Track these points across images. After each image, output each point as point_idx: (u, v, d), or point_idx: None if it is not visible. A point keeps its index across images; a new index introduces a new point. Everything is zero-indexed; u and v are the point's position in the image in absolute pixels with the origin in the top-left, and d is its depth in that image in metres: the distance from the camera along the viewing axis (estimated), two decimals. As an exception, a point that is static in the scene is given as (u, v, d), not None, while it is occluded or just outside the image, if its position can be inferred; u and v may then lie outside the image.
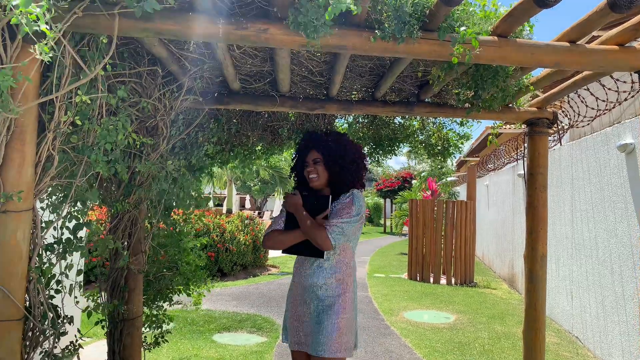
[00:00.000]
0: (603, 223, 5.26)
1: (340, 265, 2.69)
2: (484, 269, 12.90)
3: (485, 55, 2.22)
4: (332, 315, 2.59)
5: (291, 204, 2.80)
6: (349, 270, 2.73)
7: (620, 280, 4.77)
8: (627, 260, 4.64)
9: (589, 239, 5.68)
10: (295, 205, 2.77)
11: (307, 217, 2.66)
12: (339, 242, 2.59)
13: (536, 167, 3.68)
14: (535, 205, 3.67)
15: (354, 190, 2.77)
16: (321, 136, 3.00)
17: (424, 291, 9.19)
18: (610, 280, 5.01)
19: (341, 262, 2.70)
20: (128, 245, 3.29)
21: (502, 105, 3.56)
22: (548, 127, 3.70)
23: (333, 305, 2.62)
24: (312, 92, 3.53)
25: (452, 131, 4.13)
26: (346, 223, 2.60)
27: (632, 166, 4.55)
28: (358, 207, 2.68)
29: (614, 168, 4.96)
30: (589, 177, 5.70)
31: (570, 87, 3.23)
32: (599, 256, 5.37)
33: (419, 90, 3.46)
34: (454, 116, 3.66)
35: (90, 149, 2.21)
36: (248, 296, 8.29)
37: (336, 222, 2.59)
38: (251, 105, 3.42)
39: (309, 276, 2.70)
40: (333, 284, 2.66)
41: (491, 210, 13.02)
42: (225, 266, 9.81)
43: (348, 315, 2.64)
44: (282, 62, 2.65)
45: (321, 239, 2.54)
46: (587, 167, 5.75)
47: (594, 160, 5.52)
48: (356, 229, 2.69)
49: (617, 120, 5.02)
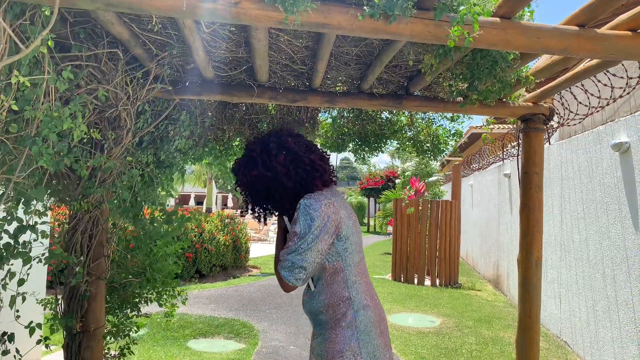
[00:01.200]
0: (594, 225, 5.09)
1: (330, 291, 2.02)
2: (468, 269, 12.76)
3: (486, 38, 1.98)
4: (323, 353, 1.98)
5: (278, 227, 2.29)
6: (346, 295, 2.01)
7: (613, 284, 4.59)
8: (621, 263, 4.46)
9: (579, 241, 5.51)
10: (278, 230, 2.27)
11: (276, 249, 2.18)
12: (300, 277, 1.90)
13: (531, 166, 3.46)
14: (530, 207, 3.45)
15: (301, 201, 1.96)
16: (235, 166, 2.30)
17: (408, 293, 8.99)
18: (602, 284, 4.84)
19: (332, 286, 2.02)
20: (88, 248, 2.97)
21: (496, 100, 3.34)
22: (544, 123, 3.49)
23: (324, 342, 1.99)
24: (293, 83, 3.25)
25: (442, 127, 3.89)
26: (293, 253, 1.89)
27: (627, 166, 4.37)
28: (303, 224, 1.90)
29: (607, 168, 4.78)
30: (579, 177, 5.53)
31: (569, 80, 3.00)
32: (590, 259, 5.19)
33: (408, 82, 3.21)
34: (444, 111, 3.42)
35: (33, 140, 1.90)
36: (227, 299, 7.98)
37: (283, 256, 1.94)
38: (226, 95, 3.13)
39: (305, 303, 2.15)
40: (323, 315, 2.03)
41: (475, 210, 12.89)
42: (203, 267, 9.48)
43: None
44: (258, 45, 2.38)
45: (279, 280, 1.98)
46: (577, 167, 5.57)
47: (585, 160, 5.34)
48: (317, 251, 1.90)
49: (611, 118, 4.85)
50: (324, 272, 2.02)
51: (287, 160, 2.08)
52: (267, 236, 19.50)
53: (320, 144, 4.08)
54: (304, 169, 2.08)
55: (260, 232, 19.47)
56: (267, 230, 19.55)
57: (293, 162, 2.08)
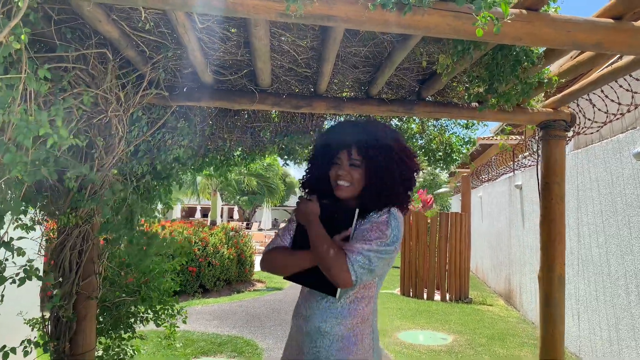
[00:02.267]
0: (615, 238, 4.84)
1: (357, 308, 1.85)
2: (478, 283, 12.45)
3: (511, 31, 1.77)
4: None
5: (305, 212, 1.90)
6: (366, 317, 1.88)
7: (638, 302, 4.32)
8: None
9: (599, 255, 5.25)
10: (309, 215, 1.88)
11: (323, 236, 1.82)
12: (362, 278, 1.74)
13: (552, 176, 3.24)
14: (551, 219, 3.22)
15: (392, 209, 1.86)
16: (364, 129, 1.98)
17: (418, 308, 8.70)
18: (626, 301, 4.57)
19: (358, 305, 1.86)
20: (78, 265, 2.77)
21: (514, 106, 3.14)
22: (565, 130, 3.27)
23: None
24: (297, 89, 3.06)
25: (455, 135, 3.68)
26: (375, 252, 1.75)
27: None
28: (396, 231, 1.80)
29: (629, 178, 4.54)
30: (597, 187, 5.29)
31: (595, 82, 2.79)
32: (611, 274, 4.93)
33: (420, 86, 3.01)
34: (459, 117, 3.21)
35: (6, 147, 1.71)
36: (231, 315, 7.74)
37: (361, 248, 1.74)
38: (226, 102, 2.95)
39: (312, 318, 1.86)
40: (341, 332, 1.81)
41: (485, 222, 12.61)
42: (207, 282, 9.25)
43: None
44: (259, 44, 2.18)
45: (337, 269, 1.71)
46: (595, 177, 5.33)
47: (604, 169, 5.10)
48: (387, 264, 1.82)
49: (632, 125, 4.63)
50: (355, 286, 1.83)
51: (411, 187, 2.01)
52: (273, 249, 19.23)
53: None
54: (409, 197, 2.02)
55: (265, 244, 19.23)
56: (273, 243, 19.30)
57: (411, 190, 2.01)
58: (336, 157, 1.94)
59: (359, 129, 1.99)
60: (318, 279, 1.80)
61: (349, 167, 1.91)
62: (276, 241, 2.02)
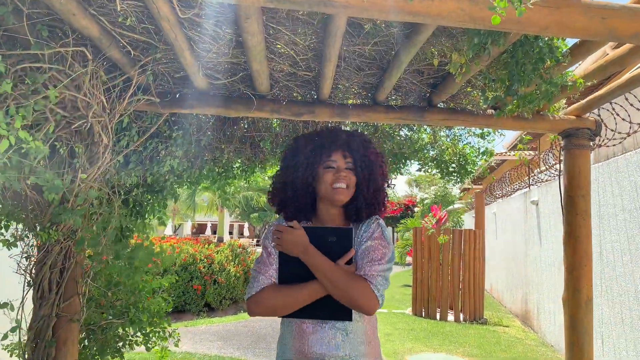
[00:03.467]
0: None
1: (372, 329, 1.82)
2: (493, 302, 12.03)
3: (535, 19, 1.54)
4: None
5: (294, 242, 1.72)
6: (377, 335, 1.87)
7: (670, 325, 4.00)
8: (679, 302, 3.87)
9: (624, 274, 4.92)
10: (300, 245, 1.72)
11: (330, 265, 1.69)
12: (384, 298, 1.73)
13: (576, 189, 2.97)
14: (576, 236, 2.94)
15: (379, 219, 1.86)
16: (351, 135, 1.93)
17: (430, 329, 8.35)
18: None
19: (372, 325, 1.83)
20: (58, 285, 2.55)
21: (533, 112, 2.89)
22: (590, 139, 3.01)
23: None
24: (299, 95, 2.85)
25: (470, 146, 3.43)
26: (387, 270, 1.74)
27: (682, 189, 3.84)
28: (390, 241, 1.83)
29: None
30: (621, 203, 4.98)
31: (624, 86, 2.54)
32: (638, 295, 4.60)
33: (431, 91, 2.78)
34: (473, 125, 2.97)
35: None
36: (236, 335, 7.46)
37: (377, 270, 1.70)
38: (222, 109, 2.74)
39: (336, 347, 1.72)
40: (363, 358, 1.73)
41: (500, 239, 12.24)
42: (212, 300, 9.00)
43: None
44: (252, 41, 1.97)
45: (365, 298, 1.64)
46: (619, 192, 5.03)
47: (629, 183, 4.81)
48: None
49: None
50: None
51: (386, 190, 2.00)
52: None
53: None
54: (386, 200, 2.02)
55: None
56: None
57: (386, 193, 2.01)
58: (328, 160, 1.84)
59: (345, 134, 1.93)
60: (327, 310, 1.71)
61: (347, 170, 1.84)
62: (261, 280, 1.79)
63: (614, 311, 5.13)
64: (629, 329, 4.80)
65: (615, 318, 5.09)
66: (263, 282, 1.78)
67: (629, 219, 4.81)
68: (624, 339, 4.89)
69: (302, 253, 1.71)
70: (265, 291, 1.75)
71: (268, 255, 1.82)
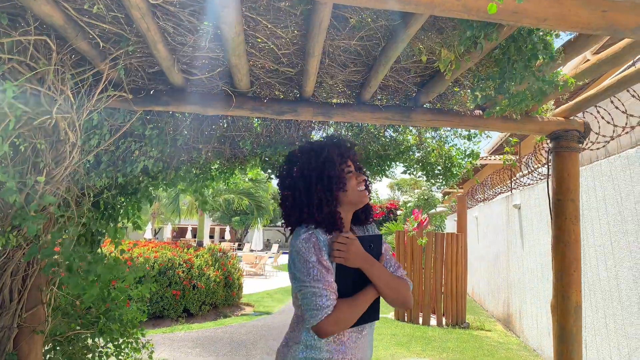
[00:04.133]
0: (627, 261, 4.49)
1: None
2: (475, 306, 12.02)
3: (534, 10, 1.44)
4: None
5: (356, 254, 1.71)
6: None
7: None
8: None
9: (607, 279, 4.89)
10: (362, 256, 1.72)
11: (389, 273, 1.79)
12: None
13: (565, 192, 2.90)
14: (565, 241, 2.87)
15: (374, 221, 2.05)
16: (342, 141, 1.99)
17: (413, 334, 8.27)
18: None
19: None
20: (20, 294, 2.37)
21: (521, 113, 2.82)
22: (579, 141, 2.94)
23: None
24: (281, 92, 2.73)
25: (456, 148, 3.34)
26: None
27: (667, 193, 3.81)
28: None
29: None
30: (605, 207, 4.96)
31: (615, 86, 2.47)
32: (622, 300, 4.57)
33: (418, 90, 2.68)
34: (460, 126, 2.88)
35: None
36: (215, 341, 7.27)
37: (403, 271, 1.87)
38: (199, 106, 2.60)
39: (366, 348, 1.79)
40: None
41: (481, 243, 12.25)
42: (192, 306, 8.77)
43: None
44: (229, 32, 1.84)
45: (410, 295, 1.82)
46: (602, 196, 5.01)
47: (612, 187, 4.78)
48: None
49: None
50: None
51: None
52: (263, 270, 18.72)
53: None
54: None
55: (255, 266, 18.70)
56: (263, 264, 18.79)
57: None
58: (347, 166, 1.83)
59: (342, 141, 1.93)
60: (371, 311, 1.75)
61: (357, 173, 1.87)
62: (331, 297, 1.65)
63: (597, 316, 5.10)
64: (612, 334, 4.77)
65: (599, 323, 5.06)
66: (333, 299, 1.65)
67: (613, 223, 4.79)
68: (608, 345, 4.86)
69: (364, 263, 1.72)
70: (339, 308, 1.65)
71: (327, 270, 1.66)
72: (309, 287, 1.62)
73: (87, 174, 2.61)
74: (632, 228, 4.38)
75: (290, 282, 1.74)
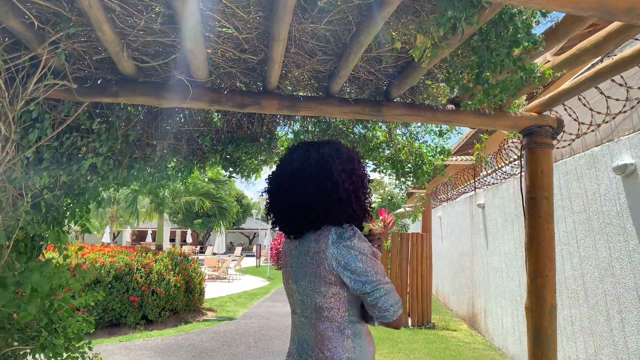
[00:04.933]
0: (592, 259, 4.49)
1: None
2: (439, 306, 12.06)
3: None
4: None
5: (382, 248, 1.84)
6: None
7: (622, 329, 3.95)
8: (632, 305, 3.83)
9: (573, 277, 4.90)
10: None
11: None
12: None
13: (539, 189, 2.81)
14: (539, 240, 2.78)
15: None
16: None
17: (379, 336, 8.16)
18: (607, 329, 4.20)
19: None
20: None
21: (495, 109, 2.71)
22: (552, 137, 2.87)
23: None
24: (242, 84, 2.53)
25: (426, 145, 3.22)
26: None
27: (633, 191, 3.80)
28: None
29: (606, 194, 4.22)
30: (570, 206, 4.97)
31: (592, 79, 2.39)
32: (588, 299, 4.57)
33: (389, 82, 2.53)
34: (433, 121, 2.75)
35: None
36: (175, 350, 6.95)
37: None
38: (152, 98, 2.37)
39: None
40: None
41: (445, 242, 12.32)
42: (151, 312, 8.39)
43: None
44: (184, 13, 1.64)
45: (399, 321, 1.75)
46: (567, 195, 5.02)
47: (578, 186, 4.79)
48: None
49: (608, 138, 4.33)
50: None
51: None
52: (226, 274, 18.32)
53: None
54: None
55: (218, 270, 18.28)
56: (226, 268, 18.38)
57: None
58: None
59: None
60: None
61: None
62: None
63: (563, 314, 5.11)
64: (578, 332, 4.77)
65: (565, 322, 5.06)
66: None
67: (578, 221, 4.79)
68: (574, 342, 4.86)
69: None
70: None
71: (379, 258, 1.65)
72: (387, 284, 1.57)
73: (25, 173, 2.34)
74: (598, 226, 4.38)
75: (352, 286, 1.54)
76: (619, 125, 4.16)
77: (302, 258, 1.59)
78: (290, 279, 1.67)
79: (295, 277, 1.64)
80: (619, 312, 4.02)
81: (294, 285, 1.66)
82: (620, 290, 4.00)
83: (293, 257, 1.65)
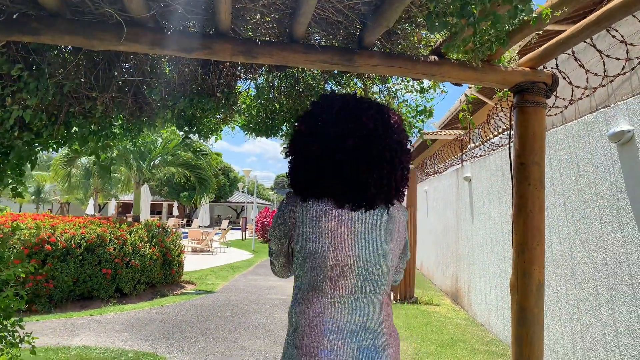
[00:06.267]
0: (582, 233, 4.24)
1: None
2: (423, 280, 11.94)
3: None
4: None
5: None
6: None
7: (611, 307, 3.73)
8: (622, 282, 3.60)
9: (561, 252, 4.66)
10: None
11: None
12: None
13: (529, 154, 2.51)
14: (528, 210, 2.49)
15: None
16: None
17: (360, 311, 7.96)
18: (595, 306, 3.98)
19: None
20: None
21: (482, 61, 2.39)
22: (546, 95, 2.55)
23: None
24: (189, 25, 2.16)
25: (407, 104, 2.89)
26: None
27: (630, 160, 3.52)
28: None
29: (599, 164, 3.94)
30: (560, 177, 4.70)
31: (594, 24, 2.07)
32: (576, 275, 4.34)
33: (363, 26, 2.19)
34: (413, 73, 2.41)
35: None
36: (148, 323, 6.69)
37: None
38: (81, 37, 2.00)
39: None
40: None
41: (431, 217, 12.12)
42: (125, 285, 8.10)
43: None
44: None
45: None
46: (557, 166, 4.75)
47: (569, 156, 4.51)
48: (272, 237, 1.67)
49: (604, 104, 4.03)
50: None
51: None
52: (210, 247, 18.06)
53: (240, 125, 2.99)
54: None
55: (202, 242, 18.01)
56: (210, 240, 18.11)
57: None
58: None
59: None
60: None
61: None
62: None
63: (549, 291, 4.90)
64: (565, 310, 4.56)
65: (551, 298, 4.85)
66: None
67: (568, 193, 4.54)
68: (560, 320, 4.66)
69: None
70: None
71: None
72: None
73: None
74: (589, 198, 4.12)
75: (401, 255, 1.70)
76: (616, 90, 3.85)
77: (383, 229, 1.50)
78: (361, 250, 1.46)
79: (369, 249, 1.47)
80: (608, 288, 3.79)
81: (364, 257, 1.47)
82: (610, 266, 3.76)
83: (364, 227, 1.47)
